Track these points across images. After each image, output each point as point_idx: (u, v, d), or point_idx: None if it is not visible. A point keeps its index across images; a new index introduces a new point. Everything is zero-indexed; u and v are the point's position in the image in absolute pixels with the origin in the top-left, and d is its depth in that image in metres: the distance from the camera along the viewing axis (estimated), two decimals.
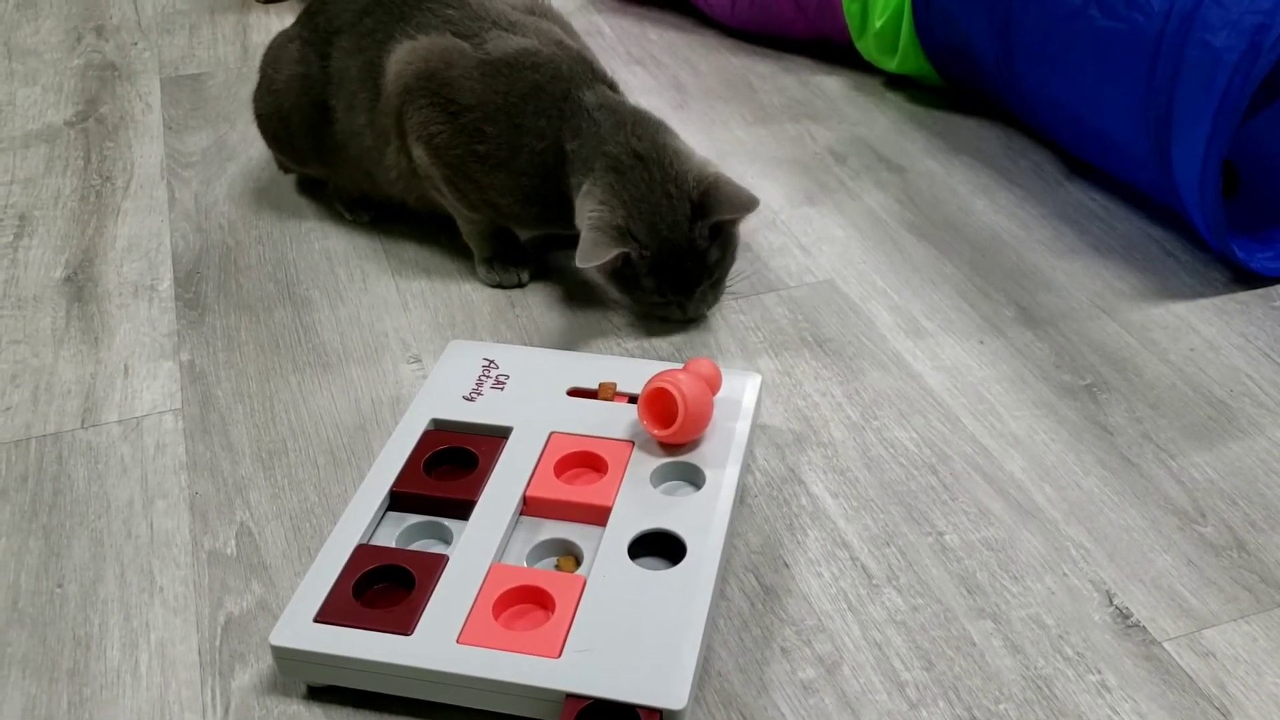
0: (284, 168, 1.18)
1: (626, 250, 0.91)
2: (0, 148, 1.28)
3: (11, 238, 1.12)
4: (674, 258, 0.93)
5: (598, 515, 0.75)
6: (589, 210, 0.92)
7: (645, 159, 0.92)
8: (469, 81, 0.96)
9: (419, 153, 0.98)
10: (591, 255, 0.90)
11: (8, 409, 0.90)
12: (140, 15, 1.61)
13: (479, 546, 0.71)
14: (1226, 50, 0.93)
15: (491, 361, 0.87)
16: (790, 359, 0.95)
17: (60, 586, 0.75)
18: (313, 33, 1.06)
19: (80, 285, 1.05)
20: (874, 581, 0.75)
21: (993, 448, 0.85)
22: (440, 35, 0.98)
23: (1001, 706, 0.67)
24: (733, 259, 0.98)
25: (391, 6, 1.01)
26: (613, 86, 1.01)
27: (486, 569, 0.70)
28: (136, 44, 1.53)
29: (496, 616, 0.67)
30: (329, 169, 1.10)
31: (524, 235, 1.08)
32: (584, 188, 0.94)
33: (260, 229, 1.13)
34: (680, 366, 0.82)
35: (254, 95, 1.12)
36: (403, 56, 0.98)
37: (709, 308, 0.98)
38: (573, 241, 0.93)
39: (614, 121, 0.94)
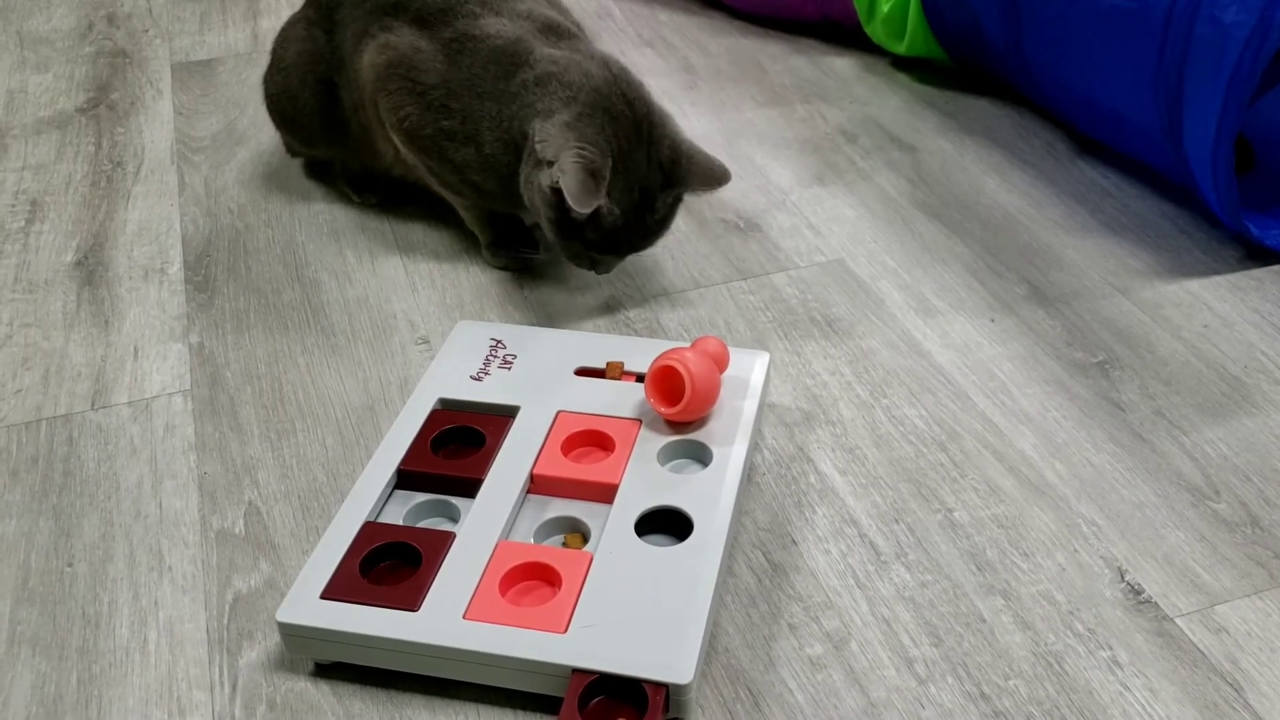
0: (292, 151, 1.18)
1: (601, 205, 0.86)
2: (13, 135, 1.28)
3: (23, 223, 1.12)
4: (631, 221, 0.90)
5: (605, 493, 0.74)
6: (575, 145, 0.85)
7: (635, 109, 0.89)
8: (434, 61, 0.96)
9: (397, 140, 0.99)
10: (585, 199, 0.84)
11: (19, 391, 0.90)
12: (151, 2, 1.61)
13: (486, 524, 0.71)
14: (1236, 26, 0.92)
15: (499, 341, 0.87)
16: (799, 338, 0.94)
17: (70, 566, 0.75)
18: (317, 9, 1.07)
19: (91, 269, 1.05)
20: (882, 558, 0.74)
21: (1003, 425, 0.85)
22: (409, 31, 0.98)
23: (1011, 683, 0.66)
24: (668, 229, 0.94)
25: None
26: (576, 38, 0.97)
27: (493, 546, 0.70)
28: (147, 31, 1.53)
29: (503, 593, 0.67)
30: (336, 148, 1.11)
31: (528, 220, 1.07)
32: (564, 115, 0.87)
33: (269, 212, 1.13)
34: (688, 345, 0.82)
35: (264, 77, 1.12)
36: (374, 51, 0.99)
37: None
38: None
39: (599, 60, 0.92)
